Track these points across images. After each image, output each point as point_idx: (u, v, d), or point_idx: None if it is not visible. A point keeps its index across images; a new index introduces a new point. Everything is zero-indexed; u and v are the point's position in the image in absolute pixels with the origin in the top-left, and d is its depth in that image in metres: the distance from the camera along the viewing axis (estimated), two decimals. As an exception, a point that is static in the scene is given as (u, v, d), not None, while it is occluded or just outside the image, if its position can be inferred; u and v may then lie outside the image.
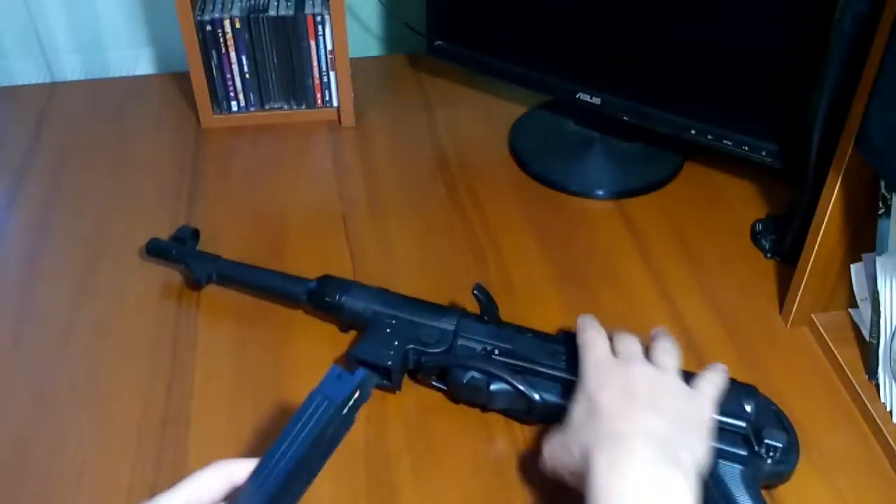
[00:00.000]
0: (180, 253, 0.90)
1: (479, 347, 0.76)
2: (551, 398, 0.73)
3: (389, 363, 0.75)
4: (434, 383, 0.78)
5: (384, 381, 0.77)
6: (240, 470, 0.55)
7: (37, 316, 0.89)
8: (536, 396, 0.73)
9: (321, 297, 0.83)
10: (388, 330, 0.78)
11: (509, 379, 0.73)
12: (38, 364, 0.83)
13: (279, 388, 0.81)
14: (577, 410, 0.66)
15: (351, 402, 0.57)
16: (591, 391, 0.67)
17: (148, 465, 0.74)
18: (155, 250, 0.91)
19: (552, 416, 0.70)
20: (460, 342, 0.77)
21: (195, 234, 0.93)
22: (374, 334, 0.78)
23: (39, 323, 0.88)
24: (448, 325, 0.78)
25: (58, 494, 0.72)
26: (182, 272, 0.92)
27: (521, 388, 0.73)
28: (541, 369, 0.74)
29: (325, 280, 0.85)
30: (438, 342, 0.77)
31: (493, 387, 0.74)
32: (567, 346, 0.76)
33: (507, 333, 0.78)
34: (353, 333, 0.85)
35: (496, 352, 0.76)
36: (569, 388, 0.71)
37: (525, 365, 0.75)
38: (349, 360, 0.77)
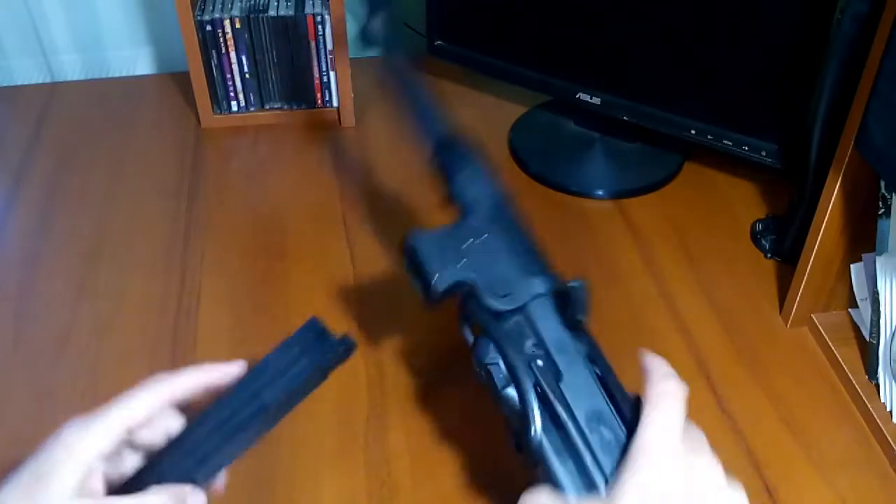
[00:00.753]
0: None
1: (530, 342, 0.57)
2: (552, 458, 0.51)
3: (436, 280, 0.58)
4: (463, 332, 0.61)
5: (418, 288, 0.60)
6: (178, 386, 0.54)
7: (37, 316, 0.89)
8: (536, 432, 0.52)
9: (445, 154, 0.70)
10: (470, 241, 0.61)
11: (527, 398, 0.54)
12: (38, 364, 0.83)
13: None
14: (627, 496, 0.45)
15: (328, 365, 0.55)
16: (648, 485, 0.45)
17: (148, 464, 0.74)
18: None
19: (539, 470, 0.52)
20: (520, 318, 0.58)
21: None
22: (453, 234, 0.62)
23: (39, 323, 0.88)
24: (530, 289, 0.58)
25: (58, 494, 0.72)
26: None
27: (532, 415, 0.53)
28: (569, 424, 0.52)
29: (459, 141, 0.70)
30: (503, 298, 0.58)
31: (508, 390, 0.56)
32: (622, 417, 0.52)
33: (573, 352, 0.56)
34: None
35: (540, 362, 0.55)
36: (578, 462, 0.50)
37: (556, 406, 0.53)
38: (405, 242, 0.62)
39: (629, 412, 0.52)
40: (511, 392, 0.55)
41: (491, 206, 0.64)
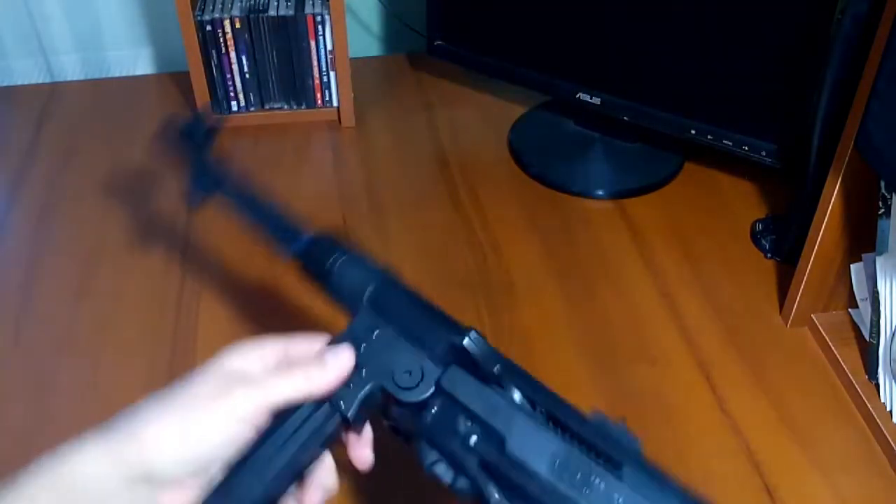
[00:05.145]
0: (191, 150, 0.71)
1: (462, 417, 0.51)
2: None
3: (346, 406, 0.53)
4: (395, 435, 0.56)
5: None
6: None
7: (37, 316, 0.89)
8: None
9: (309, 261, 0.64)
10: (364, 345, 0.56)
11: (478, 482, 0.49)
12: (39, 363, 0.83)
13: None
14: None
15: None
16: None
17: (148, 465, 0.74)
18: (171, 135, 0.71)
19: None
20: (441, 399, 0.53)
21: (212, 131, 0.72)
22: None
23: (40, 322, 0.88)
24: (438, 356, 0.54)
25: (58, 494, 0.72)
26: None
27: (489, 496, 0.48)
28: (533, 485, 0.47)
29: (321, 240, 0.64)
30: (417, 387, 0.53)
31: (459, 484, 0.51)
32: (588, 447, 0.48)
33: (507, 407, 0.51)
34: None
35: (476, 437, 0.50)
36: None
37: (512, 474, 0.48)
38: None
39: (592, 432, 0.48)
40: (464, 482, 0.50)
41: (372, 294, 0.59)
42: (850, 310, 0.85)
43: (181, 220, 1.00)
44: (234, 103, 1.15)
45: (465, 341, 0.52)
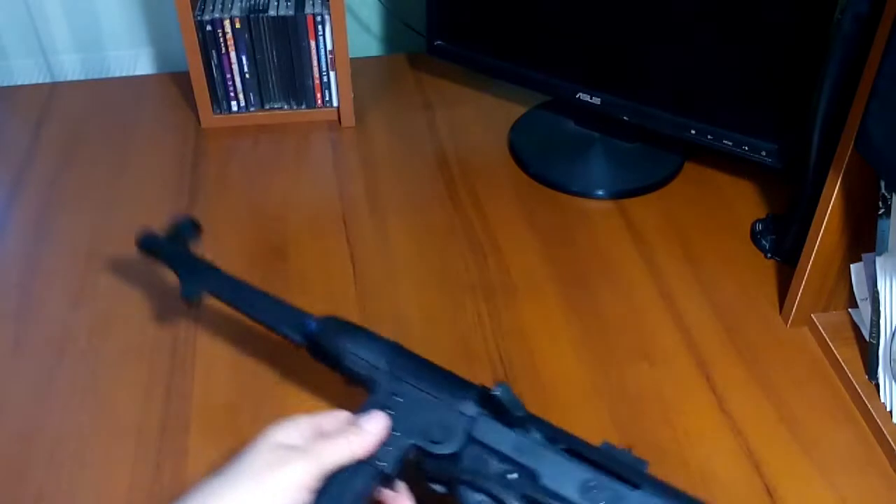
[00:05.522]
0: (172, 256, 0.76)
1: (495, 460, 0.60)
2: None
3: (385, 464, 0.60)
4: (433, 486, 0.62)
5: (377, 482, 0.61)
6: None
7: (37, 316, 0.89)
8: None
9: (319, 345, 0.68)
10: (391, 412, 0.62)
11: None
12: (39, 364, 0.83)
13: (279, 387, 0.81)
14: None
15: None
16: None
17: (148, 464, 0.74)
18: (147, 245, 0.77)
19: None
20: (473, 447, 0.61)
21: (195, 228, 0.78)
22: None
23: (39, 323, 0.88)
24: (463, 415, 0.62)
25: (58, 493, 0.72)
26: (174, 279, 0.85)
27: None
28: None
29: (328, 323, 0.69)
30: (448, 440, 0.61)
31: None
32: (607, 472, 0.58)
33: (532, 446, 0.60)
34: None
35: (515, 475, 0.59)
36: None
37: (550, 502, 0.57)
38: None
39: (607, 459, 0.58)
40: None
41: (387, 367, 0.65)
42: (850, 310, 0.85)
43: (181, 220, 1.00)
44: (234, 103, 1.15)
45: (498, 391, 0.59)
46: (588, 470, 0.58)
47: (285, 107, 1.17)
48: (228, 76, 1.13)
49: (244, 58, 1.11)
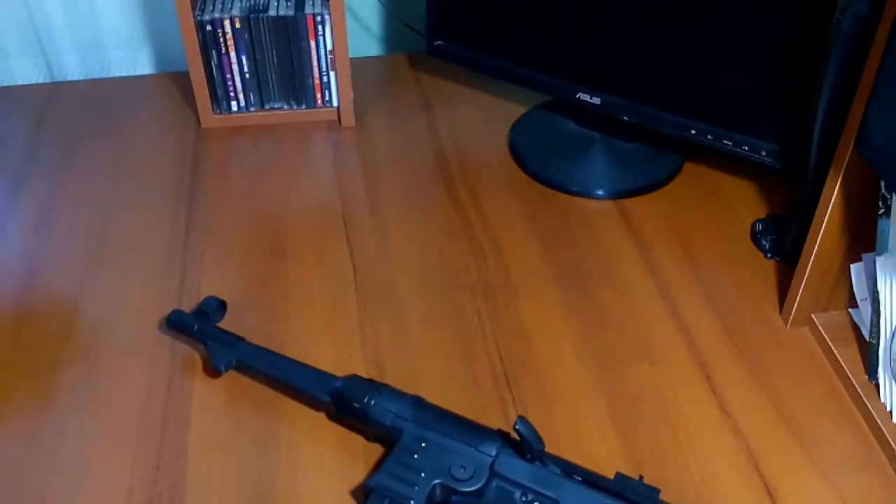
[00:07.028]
0: (201, 332, 0.82)
1: (518, 493, 0.66)
2: None
3: (412, 502, 0.66)
4: None
5: None
6: None
7: (37, 316, 0.89)
8: None
9: (346, 401, 0.74)
10: (416, 455, 0.68)
11: None
12: (38, 364, 0.83)
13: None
14: None
15: None
16: None
17: (148, 464, 0.74)
18: (176, 324, 0.83)
19: None
20: (496, 482, 0.67)
21: (221, 306, 0.85)
22: (400, 459, 0.69)
23: (39, 323, 0.88)
24: (485, 454, 0.68)
25: (58, 493, 0.72)
26: (202, 353, 0.85)
27: None
28: None
29: (353, 381, 0.75)
30: (472, 478, 0.67)
31: None
32: (624, 499, 0.65)
33: (552, 477, 0.66)
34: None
35: (536, 503, 0.65)
36: None
37: None
38: (367, 489, 0.68)
39: (623, 488, 0.64)
40: None
41: (410, 415, 0.71)
42: (850, 310, 0.85)
43: (182, 220, 1.00)
44: (234, 103, 1.15)
45: (518, 425, 0.64)
46: (606, 498, 0.64)
47: (285, 107, 1.17)
48: (228, 76, 1.13)
49: (244, 58, 1.11)
